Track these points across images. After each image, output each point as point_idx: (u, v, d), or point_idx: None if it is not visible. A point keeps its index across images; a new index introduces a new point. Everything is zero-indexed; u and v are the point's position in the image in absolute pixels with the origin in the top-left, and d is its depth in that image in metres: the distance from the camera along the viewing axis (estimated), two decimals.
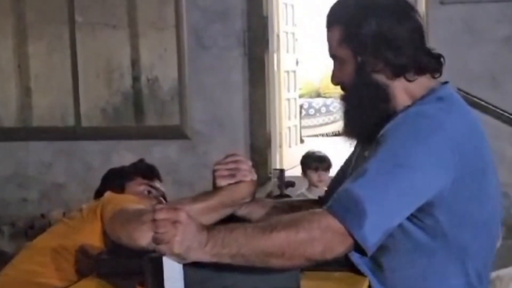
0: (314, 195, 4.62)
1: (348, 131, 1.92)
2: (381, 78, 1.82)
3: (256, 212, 2.07)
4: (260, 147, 6.33)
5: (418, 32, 1.83)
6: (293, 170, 6.39)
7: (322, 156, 4.81)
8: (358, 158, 1.94)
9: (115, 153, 6.59)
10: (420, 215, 1.72)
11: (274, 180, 2.39)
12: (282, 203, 2.18)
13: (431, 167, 1.69)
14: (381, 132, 1.76)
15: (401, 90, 1.82)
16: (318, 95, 12.19)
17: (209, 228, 1.64)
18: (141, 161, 2.65)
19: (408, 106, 1.81)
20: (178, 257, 1.58)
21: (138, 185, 2.49)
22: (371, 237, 1.64)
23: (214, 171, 2.02)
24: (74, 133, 6.69)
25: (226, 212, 2.00)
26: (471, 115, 1.84)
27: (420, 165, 1.68)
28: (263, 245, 1.62)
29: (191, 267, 1.62)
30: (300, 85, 9.49)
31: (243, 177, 1.99)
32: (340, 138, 2.01)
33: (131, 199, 2.20)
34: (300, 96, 9.33)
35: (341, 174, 2.04)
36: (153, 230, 1.58)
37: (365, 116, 1.82)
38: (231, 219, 2.01)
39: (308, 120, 11.04)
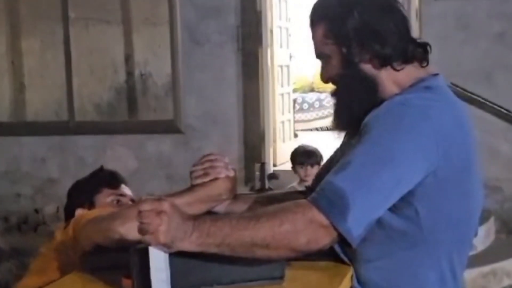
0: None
1: (338, 123, 1.93)
2: (368, 68, 1.82)
3: (237, 209, 2.08)
4: (253, 142, 6.33)
5: (402, 22, 1.84)
6: (286, 165, 6.39)
7: (309, 151, 4.77)
8: (344, 147, 1.94)
9: (109, 148, 6.59)
10: (399, 205, 1.72)
11: (257, 174, 2.38)
12: (264, 197, 2.17)
13: (415, 158, 1.69)
14: (365, 119, 1.76)
15: (389, 80, 1.83)
16: (312, 89, 12.18)
17: (195, 218, 1.64)
18: (101, 169, 2.63)
19: (395, 95, 1.82)
20: (164, 247, 1.58)
21: (106, 197, 2.46)
22: (355, 229, 1.65)
23: (190, 172, 2.04)
24: (68, 127, 6.69)
25: (202, 208, 2.00)
26: (459, 107, 1.83)
27: (403, 156, 1.68)
28: (248, 236, 1.62)
29: (177, 258, 1.62)
30: (294, 80, 9.49)
31: (217, 174, 2.01)
32: (333, 133, 2.01)
33: (104, 211, 2.21)
34: (294, 91, 9.32)
35: (330, 163, 2.04)
36: (138, 221, 1.58)
37: (354, 107, 1.83)
38: None
39: (301, 114, 11.05)
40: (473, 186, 1.83)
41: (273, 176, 4.30)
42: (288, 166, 5.81)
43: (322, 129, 11.02)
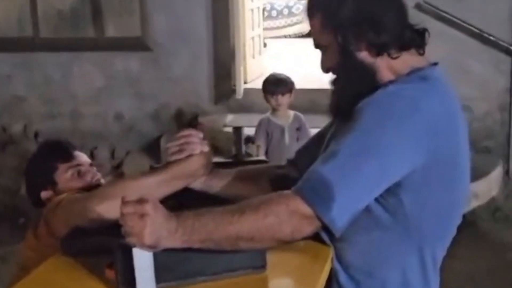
0: (278, 118, 4.62)
1: (334, 109, 1.90)
2: (364, 56, 1.79)
3: (215, 184, 2.07)
4: (223, 60, 6.26)
5: (399, 9, 1.79)
6: (256, 81, 6.35)
7: (280, 79, 4.69)
8: (339, 127, 1.91)
9: (76, 65, 6.47)
10: (385, 194, 1.72)
11: (233, 139, 2.36)
12: (242, 172, 2.15)
13: (403, 150, 1.68)
14: (358, 106, 1.74)
15: (385, 67, 1.80)
16: None
17: (178, 215, 1.63)
18: (47, 143, 2.53)
19: (390, 82, 1.79)
20: (149, 248, 1.58)
21: (65, 172, 2.37)
22: (339, 220, 1.65)
23: (165, 149, 2.02)
24: (33, 44, 6.52)
25: (179, 185, 1.99)
26: (452, 100, 1.80)
27: (391, 148, 1.66)
28: (232, 230, 1.62)
29: (160, 253, 1.62)
30: None
31: (192, 151, 1.99)
32: (302, 40, 2.00)
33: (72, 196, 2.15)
34: None
35: (316, 140, 2.03)
36: (121, 223, 1.57)
37: (351, 94, 1.80)
38: (190, 195, 2.01)
39: (270, 22, 10.91)
40: (460, 178, 1.82)
41: (249, 140, 4.26)
42: (257, 83, 5.78)
43: (291, 36, 10.93)
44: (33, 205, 2.38)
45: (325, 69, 1.87)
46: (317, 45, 1.87)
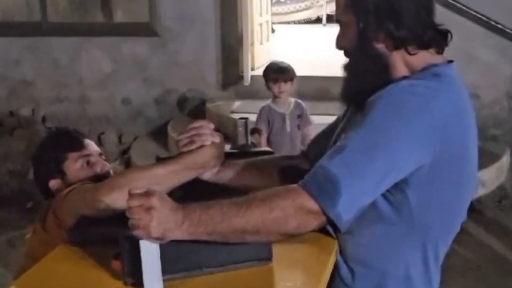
0: (279, 106, 4.64)
1: (345, 96, 1.91)
2: (381, 47, 1.79)
3: (224, 175, 2.08)
4: (231, 45, 6.24)
5: (424, 6, 1.78)
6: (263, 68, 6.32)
7: (282, 67, 4.70)
8: (349, 120, 1.92)
9: (84, 50, 6.47)
10: (391, 190, 1.74)
11: (240, 130, 2.40)
12: (252, 163, 2.16)
13: (410, 148, 1.69)
14: (370, 99, 1.74)
15: (401, 62, 1.80)
16: None
17: (185, 207, 1.64)
18: (56, 131, 2.49)
19: (403, 77, 1.79)
20: (156, 240, 1.59)
21: (74, 162, 2.36)
22: (345, 215, 1.67)
23: (177, 141, 2.03)
24: (41, 28, 6.52)
25: (189, 176, 1.99)
26: (464, 99, 1.81)
27: (399, 146, 1.67)
28: (238, 223, 1.64)
29: (166, 245, 1.63)
30: None
31: (203, 142, 1.99)
32: (311, 26, 1.99)
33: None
34: None
35: (328, 132, 2.04)
36: (128, 216, 1.58)
37: (363, 83, 1.81)
38: (199, 185, 2.03)
39: (278, 7, 10.87)
40: (467, 178, 1.83)
41: (255, 130, 4.29)
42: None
43: (299, 22, 10.89)
44: (41, 193, 2.38)
45: (339, 46, 1.87)
46: (338, 20, 1.87)
